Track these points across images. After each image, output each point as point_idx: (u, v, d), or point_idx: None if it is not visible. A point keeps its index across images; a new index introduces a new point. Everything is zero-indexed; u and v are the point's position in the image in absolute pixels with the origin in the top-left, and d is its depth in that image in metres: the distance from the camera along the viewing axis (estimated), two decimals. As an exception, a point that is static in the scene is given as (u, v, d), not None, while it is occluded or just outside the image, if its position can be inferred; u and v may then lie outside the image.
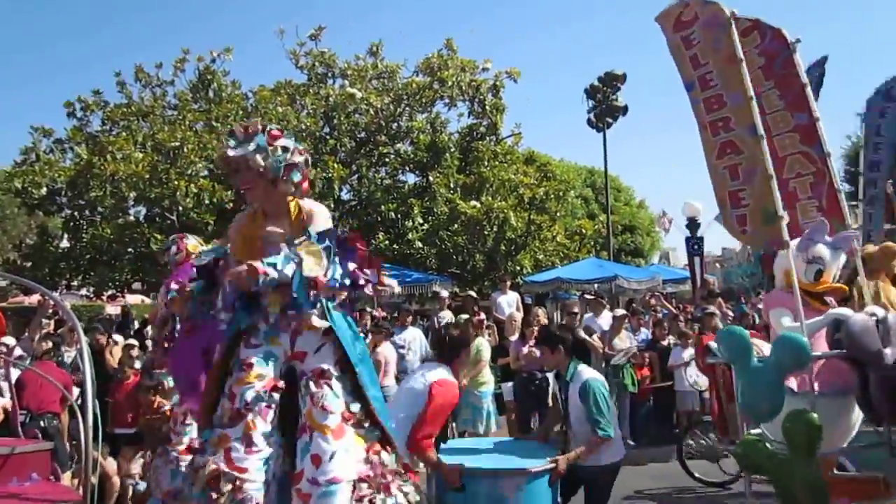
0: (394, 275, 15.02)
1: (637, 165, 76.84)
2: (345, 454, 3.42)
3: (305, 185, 3.79)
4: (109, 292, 17.72)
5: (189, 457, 4.36)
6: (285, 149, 3.66)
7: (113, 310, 22.91)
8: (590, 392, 4.81)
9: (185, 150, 15.50)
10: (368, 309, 12.86)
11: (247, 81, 29.06)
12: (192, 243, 5.45)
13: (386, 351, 9.62)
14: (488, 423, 9.40)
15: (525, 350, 9.63)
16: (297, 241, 3.55)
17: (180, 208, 15.26)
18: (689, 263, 15.99)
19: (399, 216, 18.12)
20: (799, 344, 4.11)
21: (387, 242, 17.63)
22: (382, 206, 17.97)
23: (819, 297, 4.72)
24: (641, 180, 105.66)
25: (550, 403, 5.13)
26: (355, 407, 3.57)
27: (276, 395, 3.51)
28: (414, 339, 10.59)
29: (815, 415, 4.05)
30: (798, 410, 4.10)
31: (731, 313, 11.67)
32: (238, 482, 3.25)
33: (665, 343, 10.22)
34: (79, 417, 4.44)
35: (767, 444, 4.31)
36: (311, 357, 3.58)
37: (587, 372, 5.04)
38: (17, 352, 7.92)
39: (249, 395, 3.42)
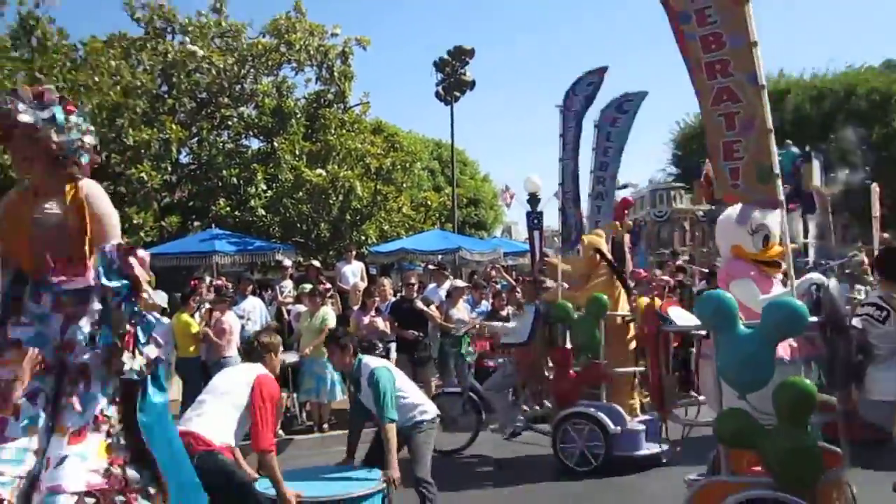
0: (235, 242, 14.69)
1: (482, 140, 78.52)
2: (78, 461, 3.10)
3: (88, 168, 3.46)
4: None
5: None
6: (79, 127, 3.35)
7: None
8: (375, 379, 5.20)
9: (4, 102, 14.22)
10: (208, 278, 12.43)
11: (76, 31, 27.05)
12: None
13: (230, 320, 9.36)
14: (332, 392, 9.39)
15: (366, 320, 9.67)
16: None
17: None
18: (529, 237, 16.56)
19: (242, 182, 17.55)
20: (797, 310, 3.89)
21: (228, 209, 17.04)
22: (224, 171, 17.33)
23: (773, 263, 4.68)
24: (486, 155, 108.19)
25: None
26: (111, 411, 3.25)
27: (49, 379, 3.22)
28: (254, 308, 10.39)
29: (809, 382, 3.92)
30: (793, 379, 3.94)
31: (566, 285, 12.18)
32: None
33: (504, 313, 10.54)
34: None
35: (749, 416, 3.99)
36: (80, 349, 3.28)
37: (373, 361, 5.47)
38: None
39: (10, 376, 3.13)
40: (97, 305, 3.28)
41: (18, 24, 16.52)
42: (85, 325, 3.24)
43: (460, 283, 11.68)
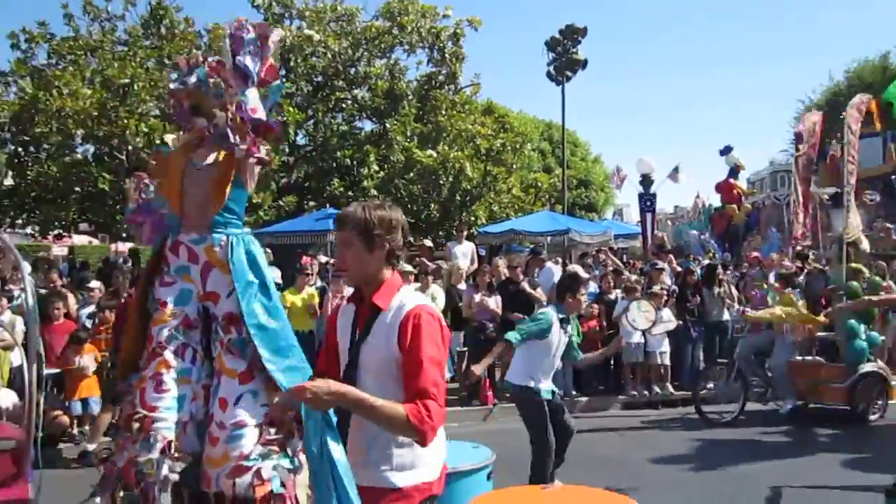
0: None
1: (594, 120, 77.14)
2: (251, 397, 3.39)
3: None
4: (55, 232, 17.33)
5: None
6: (226, 83, 3.55)
7: (59, 250, 22.45)
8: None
9: (136, 87, 15.07)
10: (323, 257, 12.83)
11: (201, 19, 28.30)
12: None
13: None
14: (439, 371, 9.54)
15: (477, 298, 9.74)
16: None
17: (130, 147, 14.90)
18: (641, 219, 16.23)
19: (355, 163, 17.97)
20: None
21: (342, 189, 17.50)
22: (338, 153, 17.79)
23: None
24: (598, 135, 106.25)
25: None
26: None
27: (194, 334, 3.48)
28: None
29: None
30: None
31: (678, 268, 11.92)
32: (147, 420, 3.22)
33: (612, 296, 10.41)
34: (22, 355, 4.38)
35: None
36: (224, 301, 3.52)
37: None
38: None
39: (164, 335, 3.40)
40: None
41: (149, 14, 17.45)
42: (227, 279, 3.53)
43: (577, 268, 11.54)
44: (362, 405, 2.47)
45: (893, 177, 19.05)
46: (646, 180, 16.21)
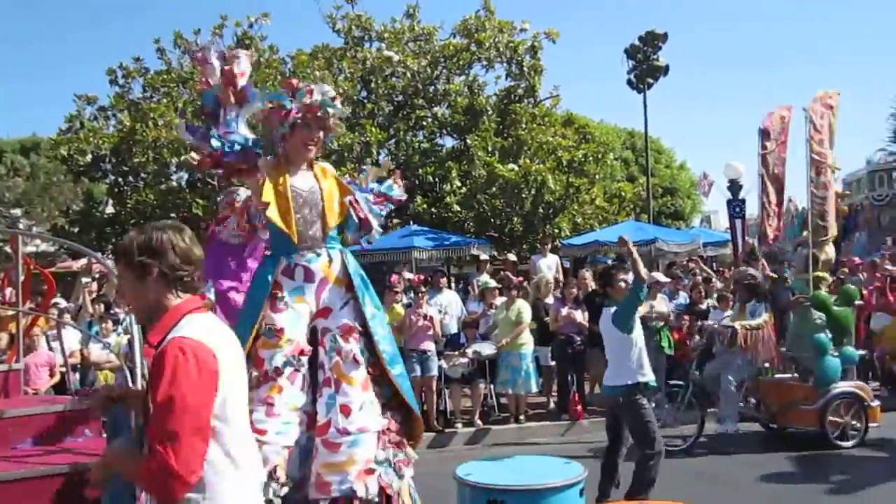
0: (432, 238, 15.20)
1: (678, 126, 75.51)
2: (371, 406, 3.53)
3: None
4: (154, 257, 18.02)
5: None
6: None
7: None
8: None
9: (225, 115, 15.62)
10: (407, 274, 12.98)
11: (284, 46, 29.03)
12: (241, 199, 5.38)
13: (431, 312, 9.59)
14: (528, 384, 9.50)
15: (564, 311, 9.67)
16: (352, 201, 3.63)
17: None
18: (730, 226, 15.76)
19: (437, 180, 18.11)
20: None
21: (425, 206, 17.66)
22: (420, 170, 17.97)
23: None
24: (682, 142, 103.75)
25: None
26: (372, 363, 3.70)
27: (304, 360, 3.57)
28: (451, 302, 10.65)
29: None
30: None
31: (773, 275, 11.53)
32: (258, 444, 3.32)
33: (703, 306, 10.15)
34: (128, 375, 4.58)
35: None
36: (337, 312, 3.63)
37: None
38: (67, 317, 8.17)
39: (279, 360, 3.48)
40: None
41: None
42: (340, 292, 3.63)
43: (660, 276, 11.34)
44: (126, 467, 2.14)
45: None
46: (734, 185, 15.76)
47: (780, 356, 8.82)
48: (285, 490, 3.39)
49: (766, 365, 9.04)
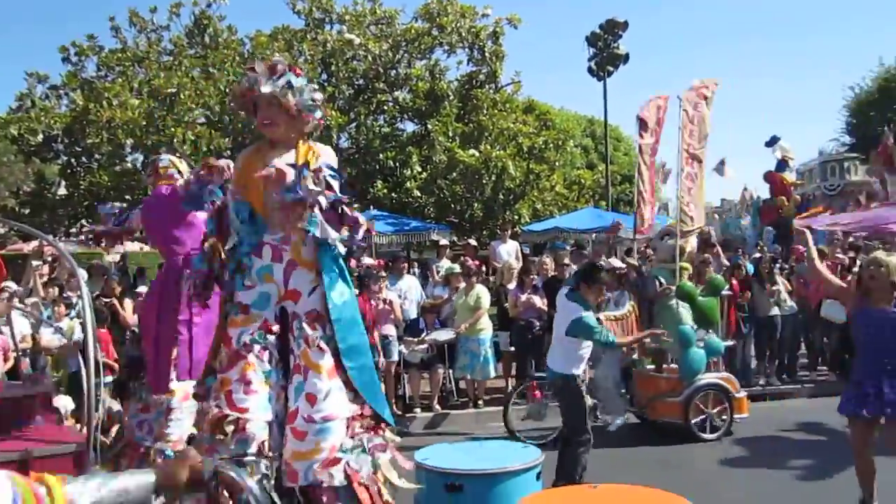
0: (392, 223, 15.14)
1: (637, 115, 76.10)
2: (339, 392, 3.50)
3: (321, 122, 3.90)
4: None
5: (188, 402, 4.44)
6: (309, 87, 3.72)
7: (112, 257, 22.95)
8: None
9: (182, 96, 15.36)
10: (367, 259, 12.91)
11: (243, 27, 28.70)
12: (164, 163, 5.27)
13: (391, 297, 9.63)
14: (486, 370, 9.55)
15: (523, 297, 9.72)
16: (312, 168, 3.57)
17: (178, 155, 15.17)
18: (686, 213, 15.96)
19: (397, 164, 18.05)
20: None
21: (385, 191, 17.60)
22: (381, 155, 17.88)
23: None
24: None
25: None
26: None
27: (272, 338, 3.56)
28: (410, 287, 10.64)
29: None
30: None
31: (726, 263, 11.73)
32: (241, 422, 3.32)
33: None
34: (81, 362, 4.51)
35: None
36: (306, 298, 3.60)
37: None
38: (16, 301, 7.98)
39: (246, 337, 3.48)
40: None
41: (193, 23, 17.78)
42: (310, 276, 3.60)
43: (616, 262, 11.47)
44: None
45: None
46: (691, 174, 15.97)
47: (643, 348, 8.56)
48: (276, 464, 3.39)
49: (636, 356, 8.85)
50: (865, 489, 4.92)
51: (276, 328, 3.58)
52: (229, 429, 3.31)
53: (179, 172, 5.16)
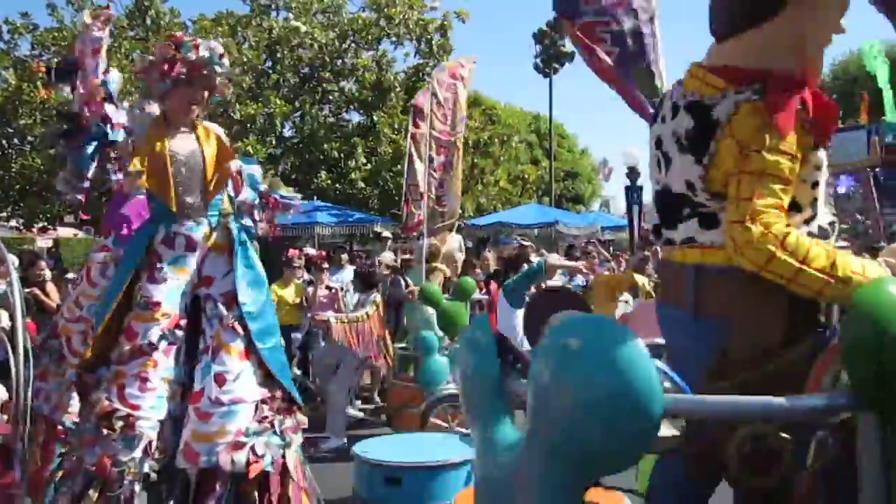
0: (336, 214, 15.03)
1: (581, 112, 77.20)
2: (249, 375, 3.45)
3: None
4: (40, 225, 17.21)
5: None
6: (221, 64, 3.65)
7: (44, 243, 22.29)
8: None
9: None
10: (309, 250, 12.81)
11: (186, 10, 28.11)
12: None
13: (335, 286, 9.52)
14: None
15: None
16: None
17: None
18: (627, 211, 16.27)
19: (342, 155, 17.92)
20: None
21: (329, 181, 17.45)
22: (325, 145, 17.72)
23: None
24: (585, 127, 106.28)
25: None
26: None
27: (180, 333, 3.49)
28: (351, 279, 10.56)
29: None
30: None
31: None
32: (130, 419, 3.24)
33: (601, 288, 10.45)
34: (9, 350, 4.35)
35: None
36: (219, 281, 3.54)
37: None
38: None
39: (154, 335, 3.38)
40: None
41: (134, 5, 17.31)
42: (223, 260, 3.57)
43: (556, 257, 11.60)
44: None
45: (878, 169, 19.19)
46: (632, 172, 16.24)
47: (377, 354, 7.61)
48: (159, 464, 3.33)
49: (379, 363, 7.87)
50: None
51: (183, 322, 3.50)
52: (118, 424, 3.23)
53: None
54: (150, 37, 16.61)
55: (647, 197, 17.55)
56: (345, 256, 11.23)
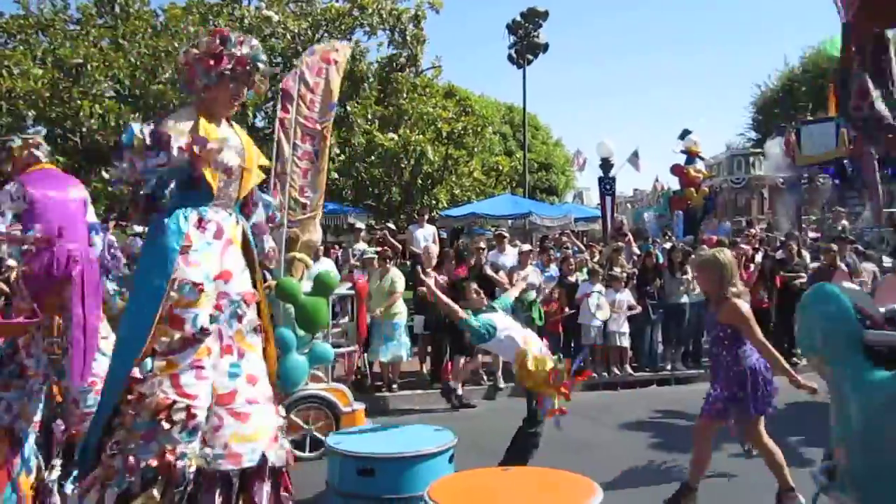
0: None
1: (555, 104, 77.42)
2: (266, 375, 3.51)
3: None
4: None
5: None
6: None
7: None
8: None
9: (89, 67, 14.71)
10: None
11: (156, -2, 27.53)
12: (17, 144, 4.57)
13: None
14: (400, 353, 9.56)
15: (442, 281, 9.76)
16: None
17: (84, 129, 14.56)
18: (600, 203, 16.38)
19: (315, 146, 17.79)
20: None
21: (302, 172, 17.34)
22: (298, 135, 17.58)
23: None
24: (558, 119, 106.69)
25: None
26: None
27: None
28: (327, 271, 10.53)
29: None
30: None
31: (637, 251, 12.09)
32: (191, 410, 3.16)
33: (572, 279, 10.50)
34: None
35: None
36: (238, 277, 3.49)
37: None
38: None
39: (204, 319, 3.29)
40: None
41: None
42: (241, 257, 3.56)
43: (526, 246, 11.65)
44: None
45: (846, 161, 19.48)
46: (605, 164, 16.35)
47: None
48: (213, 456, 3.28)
49: None
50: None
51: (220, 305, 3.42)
52: (179, 416, 3.12)
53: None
54: (119, 24, 16.36)
55: (620, 188, 17.69)
56: (320, 248, 11.16)
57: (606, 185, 16.01)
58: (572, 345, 10.29)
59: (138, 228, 6.59)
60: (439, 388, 9.54)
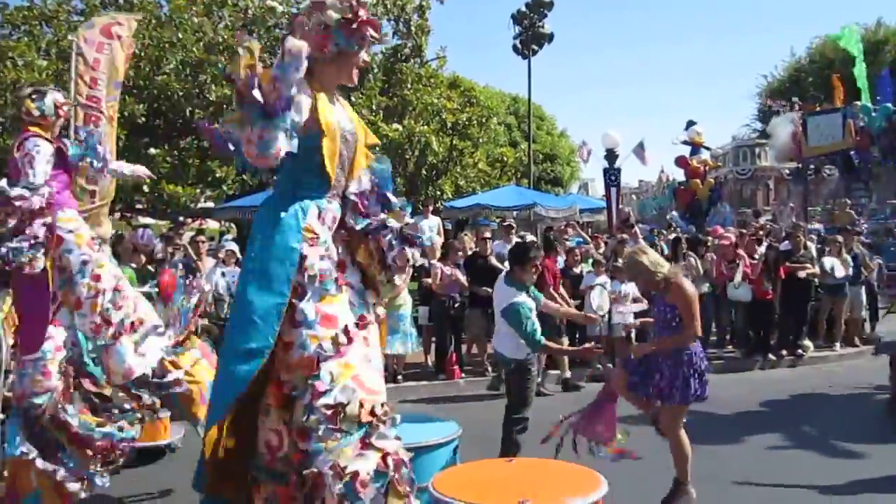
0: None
1: (560, 94, 77.22)
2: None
3: None
4: (12, 207, 16.93)
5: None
6: None
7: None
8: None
9: (94, 58, 14.70)
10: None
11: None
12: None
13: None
14: (405, 345, 9.55)
15: (448, 271, 9.76)
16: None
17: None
18: (606, 194, 16.32)
19: (320, 137, 17.78)
20: None
21: (307, 163, 17.34)
22: (303, 126, 17.57)
23: None
24: (564, 110, 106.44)
25: None
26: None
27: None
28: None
29: None
30: None
31: (643, 243, 12.05)
32: (384, 407, 3.07)
33: (577, 270, 10.48)
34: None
35: None
36: (350, 269, 3.34)
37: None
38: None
39: (352, 315, 3.15)
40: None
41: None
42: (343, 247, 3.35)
43: (530, 238, 11.62)
44: None
45: (852, 152, 19.40)
46: (611, 155, 16.28)
47: None
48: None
49: None
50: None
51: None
52: (383, 411, 3.02)
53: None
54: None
55: (626, 179, 17.66)
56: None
57: (612, 176, 15.94)
58: (577, 336, 10.27)
59: (143, 220, 6.44)
60: (444, 378, 9.56)
